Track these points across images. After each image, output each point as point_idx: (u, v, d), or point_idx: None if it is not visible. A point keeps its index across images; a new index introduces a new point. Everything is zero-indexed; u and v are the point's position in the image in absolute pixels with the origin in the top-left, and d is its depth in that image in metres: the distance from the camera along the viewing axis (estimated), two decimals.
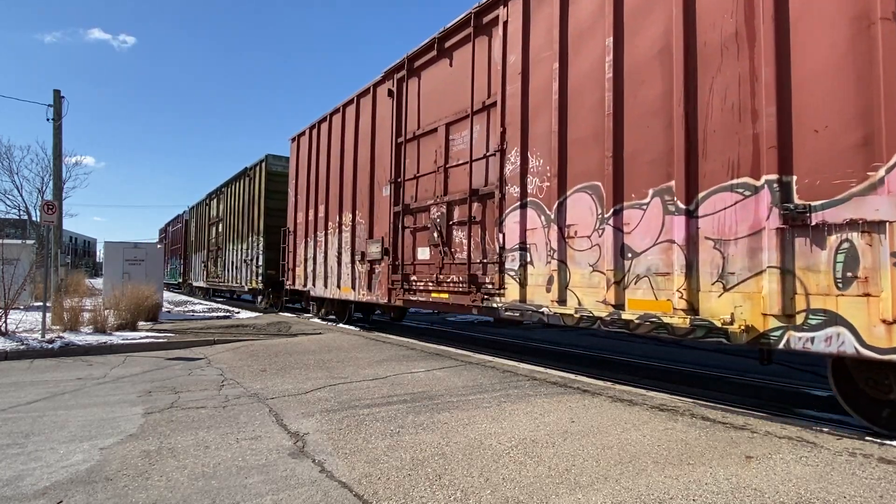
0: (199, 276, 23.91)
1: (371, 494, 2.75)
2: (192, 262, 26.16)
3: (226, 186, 19.85)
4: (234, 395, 5.01)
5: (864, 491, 2.76)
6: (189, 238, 27.05)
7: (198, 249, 24.40)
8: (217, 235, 20.94)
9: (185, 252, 27.95)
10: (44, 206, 9.49)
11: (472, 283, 7.07)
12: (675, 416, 4.18)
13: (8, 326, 8.66)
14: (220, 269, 20.14)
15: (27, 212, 30.67)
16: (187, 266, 27.39)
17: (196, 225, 25.28)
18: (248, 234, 16.72)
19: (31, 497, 2.75)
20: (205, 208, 23.30)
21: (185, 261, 28.22)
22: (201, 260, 23.40)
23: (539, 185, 6.18)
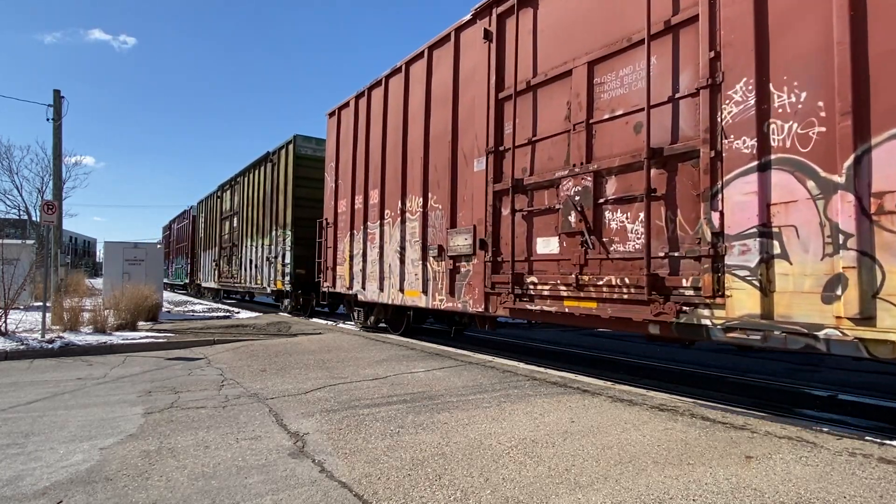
0: (209, 275, 22.07)
1: (371, 494, 2.75)
2: (200, 260, 24.05)
3: (242, 176, 17.87)
4: (233, 395, 5.01)
5: (864, 491, 2.76)
6: (197, 235, 24.92)
7: (207, 247, 22.37)
8: (231, 231, 18.98)
9: (193, 250, 26.04)
10: (44, 206, 9.48)
11: (653, 288, 4.86)
12: (675, 416, 4.18)
13: (8, 326, 8.66)
14: (236, 268, 18.20)
15: (27, 212, 30.68)
16: (195, 265, 25.44)
17: (205, 220, 23.05)
18: (272, 227, 14.90)
19: (31, 497, 2.75)
20: (216, 202, 21.23)
21: (192, 260, 26.22)
22: (212, 258, 21.45)
23: (800, 132, 3.98)
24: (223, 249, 19.86)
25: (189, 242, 26.79)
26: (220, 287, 20.60)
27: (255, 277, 16.30)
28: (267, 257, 15.20)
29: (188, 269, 26.74)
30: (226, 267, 19.43)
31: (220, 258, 20.20)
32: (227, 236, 19.50)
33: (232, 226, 19.03)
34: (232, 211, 19.14)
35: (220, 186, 20.70)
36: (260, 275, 15.79)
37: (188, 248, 26.81)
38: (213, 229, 21.50)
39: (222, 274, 19.80)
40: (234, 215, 18.83)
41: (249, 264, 16.86)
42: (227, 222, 19.72)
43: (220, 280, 20.18)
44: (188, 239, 26.82)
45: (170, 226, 34.07)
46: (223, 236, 20.10)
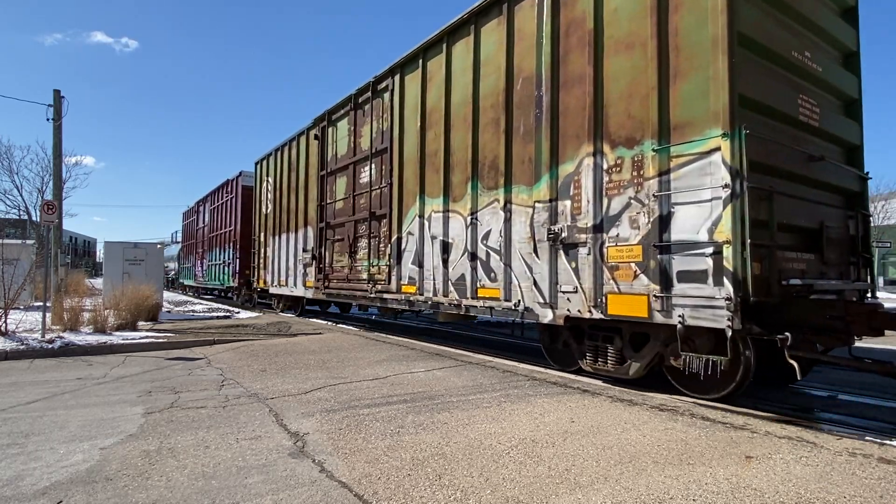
0: (291, 273, 13.48)
1: (371, 494, 2.75)
2: (270, 250, 15.12)
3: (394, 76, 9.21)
4: (234, 395, 5.01)
5: (864, 491, 2.76)
6: (261, 211, 16.27)
7: (291, 227, 13.59)
8: (375, 186, 9.65)
9: (245, 237, 17.75)
10: (44, 206, 9.48)
11: None
12: (675, 416, 4.18)
13: (8, 326, 8.66)
14: (376, 259, 9.52)
15: (27, 212, 30.67)
16: (256, 259, 16.51)
17: (286, 183, 14.06)
18: None
19: (31, 497, 2.75)
20: (309, 147, 12.65)
21: (242, 252, 17.93)
22: (302, 244, 12.78)
23: None
24: (340, 228, 10.96)
25: (235, 227, 18.75)
26: (333, 295, 11.28)
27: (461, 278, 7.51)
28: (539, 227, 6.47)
29: (236, 266, 18.37)
30: (347, 260, 10.58)
31: (323, 243, 11.54)
32: (355, 199, 10.41)
33: (373, 174, 9.72)
34: (370, 151, 9.75)
35: (319, 119, 12.07)
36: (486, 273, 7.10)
37: (234, 234, 18.70)
38: (299, 197, 13.12)
39: (330, 275, 11.17)
40: (375, 157, 9.66)
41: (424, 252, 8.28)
42: (344, 177, 10.81)
43: (328, 283, 11.21)
44: (236, 221, 18.61)
45: (196, 209, 26.10)
46: (334, 203, 11.23)
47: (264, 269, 15.76)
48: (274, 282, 14.83)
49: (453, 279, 7.51)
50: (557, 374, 5.98)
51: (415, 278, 8.37)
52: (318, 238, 11.90)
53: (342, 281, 10.73)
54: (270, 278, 15.09)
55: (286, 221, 14.03)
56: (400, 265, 8.79)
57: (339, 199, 11.10)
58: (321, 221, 11.72)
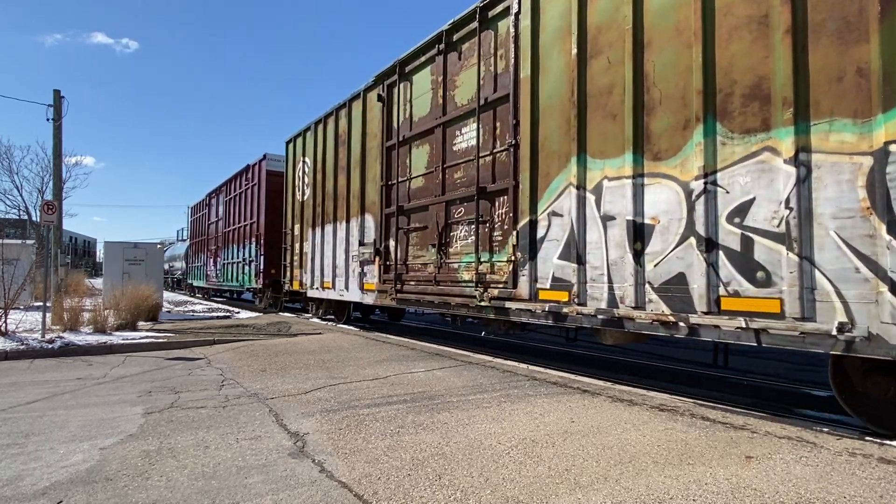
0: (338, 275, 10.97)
1: (371, 494, 2.75)
2: (305, 246, 12.69)
3: None
4: (233, 395, 5.01)
5: (864, 491, 2.76)
6: (296, 198, 13.45)
7: (340, 216, 10.98)
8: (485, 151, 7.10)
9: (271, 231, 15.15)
10: (44, 206, 9.48)
11: None
12: (675, 416, 4.18)
13: (8, 326, 8.66)
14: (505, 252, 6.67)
15: (27, 212, 30.66)
16: (289, 256, 13.84)
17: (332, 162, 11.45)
18: None
19: (31, 497, 2.75)
20: (374, 112, 9.84)
21: (264, 247, 15.38)
22: (358, 236, 10.18)
23: None
24: (407, 214, 8.75)
25: (258, 219, 15.99)
26: (410, 302, 8.58)
27: None
28: None
29: (260, 265, 15.66)
30: (423, 254, 8.31)
31: (391, 234, 9.11)
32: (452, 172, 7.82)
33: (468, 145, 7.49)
34: (476, 104, 7.26)
35: (384, 75, 9.51)
36: None
37: (257, 228, 16.02)
38: (351, 178, 10.54)
39: (404, 275, 8.67)
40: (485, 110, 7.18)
41: None
42: (426, 145, 8.39)
43: (402, 286, 8.67)
44: (259, 212, 15.86)
45: (207, 202, 23.09)
46: (408, 181, 8.80)
47: (300, 267, 12.95)
48: (314, 283, 12.01)
49: (657, 282, 4.87)
50: (557, 374, 5.98)
51: (568, 280, 5.69)
52: (382, 228, 9.31)
53: (425, 283, 8.03)
54: (309, 279, 12.30)
55: (332, 209, 11.26)
56: (535, 261, 6.10)
57: (416, 176, 8.52)
58: (387, 206, 9.16)
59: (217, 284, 21.32)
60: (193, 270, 26.35)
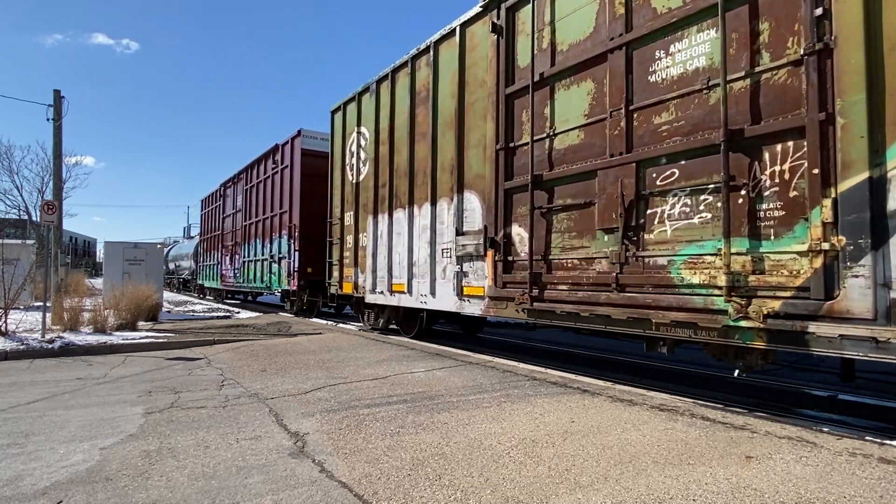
0: (417, 275, 8.53)
1: (371, 494, 2.75)
2: (362, 238, 10.22)
3: None
4: (234, 395, 5.01)
5: (864, 491, 2.76)
6: (347, 179, 10.85)
7: (420, 197, 8.50)
8: (739, 71, 4.37)
9: (332, 217, 11.55)
10: (44, 206, 9.48)
11: None
12: (675, 416, 4.18)
13: (8, 326, 8.66)
14: (805, 236, 3.91)
15: (27, 212, 30.66)
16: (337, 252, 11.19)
17: (406, 128, 8.85)
18: None
19: (31, 497, 2.75)
20: (483, 49, 7.17)
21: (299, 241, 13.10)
22: (452, 222, 7.68)
23: None
24: (549, 188, 6.13)
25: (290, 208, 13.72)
26: (564, 316, 5.81)
27: None
28: None
29: (294, 263, 13.23)
30: (584, 245, 5.67)
31: (517, 217, 6.60)
32: (654, 115, 5.05)
33: (700, 65, 4.70)
34: None
35: None
36: None
37: (289, 218, 13.74)
38: (440, 147, 8.13)
39: (544, 275, 6.07)
40: (733, 5, 4.47)
41: None
42: (587, 81, 5.74)
43: (545, 292, 6.01)
44: (293, 200, 13.58)
45: (222, 192, 20.49)
46: (548, 139, 6.15)
47: (353, 266, 10.34)
48: (376, 286, 9.49)
49: None
50: (557, 374, 5.98)
51: None
52: (497, 210, 6.70)
53: (592, 287, 5.44)
54: (368, 280, 9.72)
55: (406, 190, 8.69)
56: (884, 251, 3.54)
57: (566, 130, 5.88)
58: (508, 178, 6.56)
59: (235, 285, 18.62)
60: (204, 270, 23.48)
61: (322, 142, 13.35)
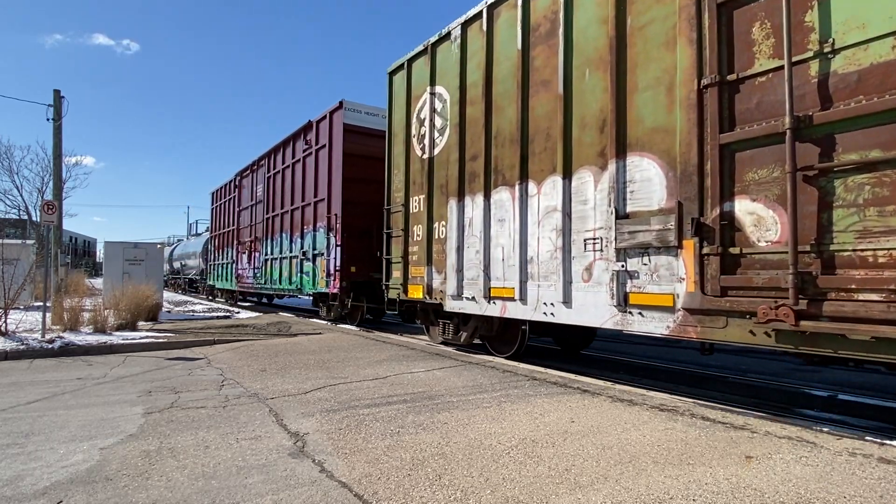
0: (539, 275, 6.18)
1: (371, 494, 2.75)
2: (438, 229, 8.02)
3: None
4: (233, 394, 5.01)
5: (864, 491, 2.76)
6: (415, 154, 8.64)
7: (529, 174, 6.39)
8: None
9: (392, 203, 9.25)
10: (44, 206, 9.49)
11: None
12: (675, 416, 4.18)
13: (8, 326, 8.66)
14: None
15: (27, 212, 30.67)
16: (399, 247, 8.92)
17: (513, 80, 6.63)
18: None
19: (31, 497, 2.75)
20: None
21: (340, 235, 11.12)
22: (599, 202, 5.50)
23: None
24: (829, 135, 3.87)
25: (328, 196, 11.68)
26: None
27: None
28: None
29: (336, 260, 11.15)
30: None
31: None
32: None
33: None
34: None
35: None
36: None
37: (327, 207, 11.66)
38: (588, 93, 5.72)
39: None
40: None
41: None
42: None
43: None
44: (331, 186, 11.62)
45: (238, 182, 18.31)
46: None
47: (426, 264, 8.16)
48: (462, 290, 7.38)
49: None
50: (557, 374, 5.98)
51: None
52: (709, 176, 4.54)
53: None
54: (451, 282, 7.54)
55: (513, 161, 6.61)
56: None
57: (859, 43, 3.75)
58: (726, 127, 4.44)
59: (254, 287, 16.21)
60: (216, 269, 21.30)
61: (369, 116, 11.56)
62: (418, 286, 8.35)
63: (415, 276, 8.50)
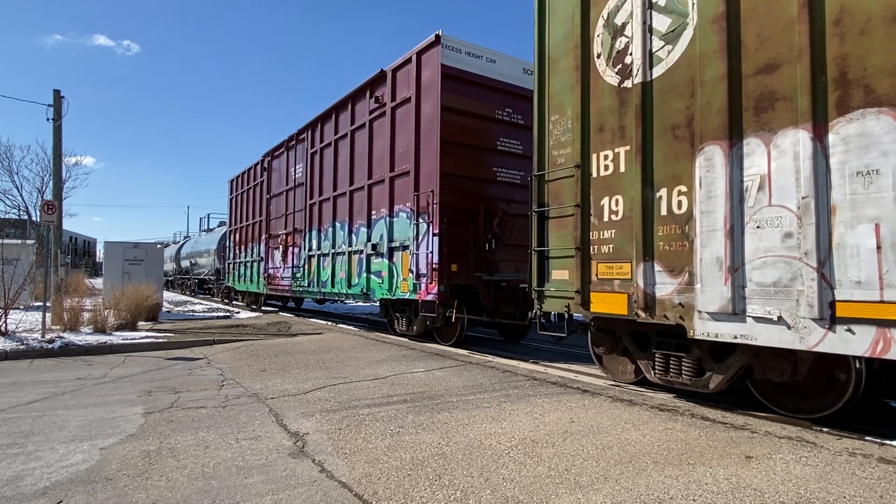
0: None
1: (371, 494, 2.75)
2: (678, 200, 4.73)
3: None
4: (233, 394, 5.01)
5: (864, 491, 2.76)
6: (595, 89, 5.55)
7: None
8: None
9: (538, 168, 6.08)
10: (44, 206, 9.49)
11: None
12: (675, 416, 4.18)
13: (8, 326, 8.66)
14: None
15: (27, 212, 30.65)
16: (543, 237, 5.99)
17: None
18: None
19: (31, 497, 2.75)
20: None
21: (437, 221, 8.11)
22: None
23: None
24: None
25: (418, 166, 8.70)
26: None
27: None
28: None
29: (434, 255, 8.15)
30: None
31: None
32: None
33: None
34: None
35: None
36: None
37: (417, 184, 8.71)
38: None
39: None
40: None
41: None
42: None
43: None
44: (425, 152, 8.58)
45: (264, 166, 15.92)
46: None
47: (639, 259, 4.97)
48: (745, 302, 4.22)
49: None
50: (557, 374, 5.98)
51: None
52: None
53: None
54: (711, 289, 4.42)
55: None
56: None
57: None
58: None
59: (294, 290, 13.43)
60: (237, 269, 18.53)
61: (470, 58, 8.58)
62: (615, 295, 5.24)
63: (606, 277, 5.34)
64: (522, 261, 7.25)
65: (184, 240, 35.11)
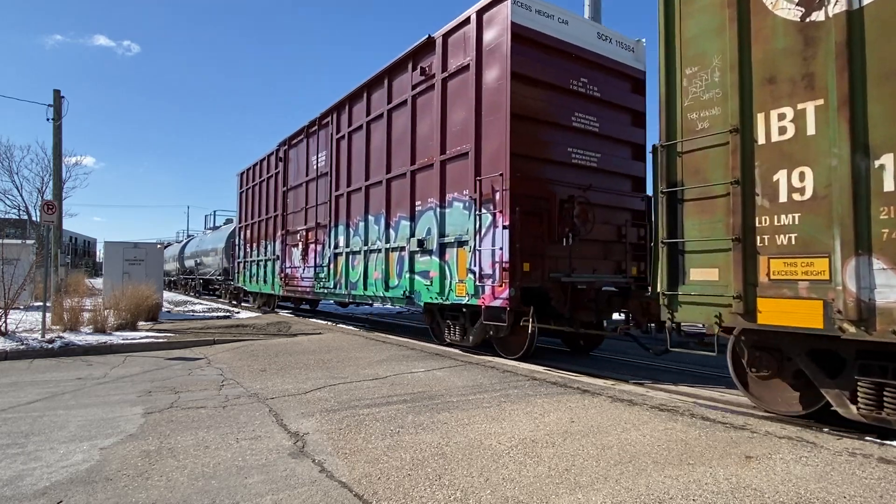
0: None
1: (371, 494, 2.75)
2: None
3: None
4: (233, 395, 5.01)
5: (864, 491, 2.76)
6: (741, 25, 4.28)
7: None
8: None
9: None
10: (44, 206, 9.49)
11: None
12: (675, 416, 4.18)
13: (8, 326, 8.66)
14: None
15: (27, 212, 30.64)
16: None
17: None
18: None
19: (31, 497, 2.74)
20: None
21: (510, 212, 6.65)
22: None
23: None
24: None
25: (477, 147, 7.27)
26: None
27: None
28: None
29: (505, 251, 6.70)
30: None
31: None
32: None
33: None
34: None
35: None
36: None
37: (478, 169, 7.27)
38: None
39: None
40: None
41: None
42: None
43: None
44: (489, 130, 7.14)
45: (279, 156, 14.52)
46: None
47: (848, 253, 3.61)
48: None
49: None
50: (557, 374, 5.98)
51: None
52: None
53: None
54: None
55: None
56: None
57: None
58: None
59: (316, 291, 12.17)
60: (248, 268, 17.29)
61: (541, 18, 7.24)
62: (801, 302, 3.90)
63: (785, 278, 3.99)
64: (602, 258, 6.55)
65: (187, 238, 34.02)
